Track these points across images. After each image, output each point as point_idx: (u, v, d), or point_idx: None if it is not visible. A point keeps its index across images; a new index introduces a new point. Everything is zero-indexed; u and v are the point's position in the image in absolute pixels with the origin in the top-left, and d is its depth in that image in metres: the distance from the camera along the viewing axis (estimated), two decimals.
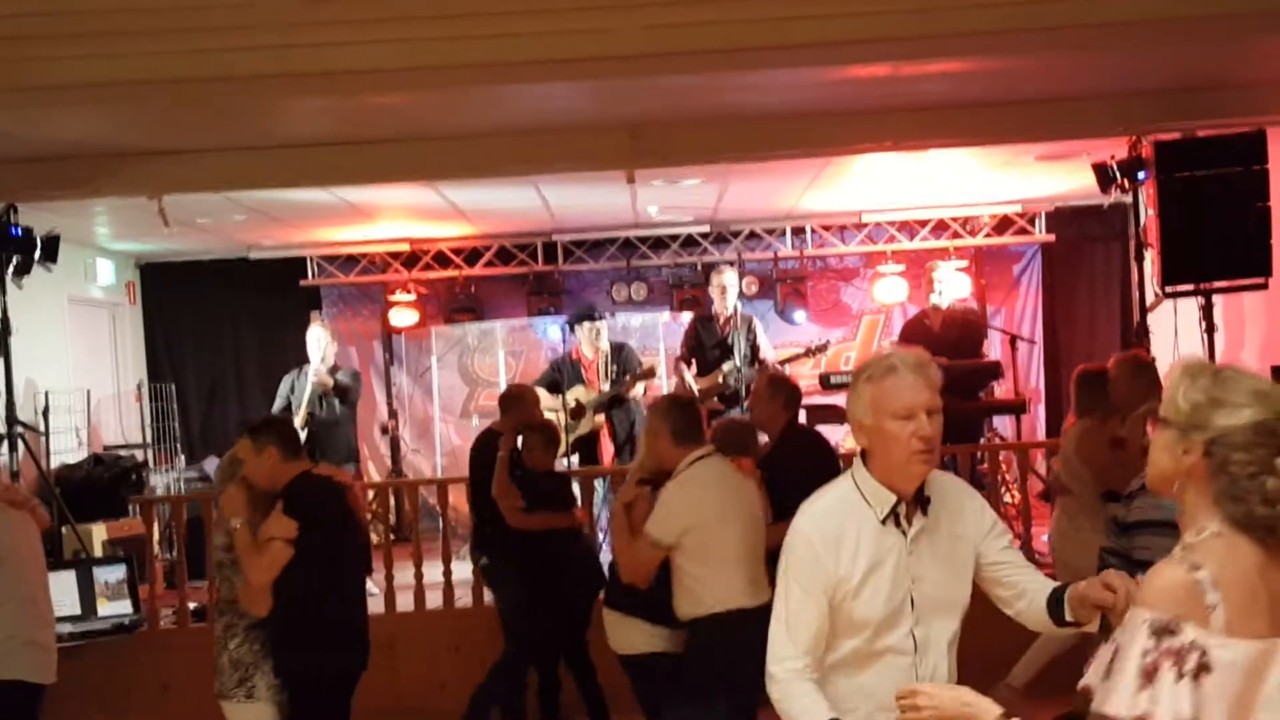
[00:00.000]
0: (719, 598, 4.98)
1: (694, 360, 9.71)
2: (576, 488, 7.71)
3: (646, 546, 5.06)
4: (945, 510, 3.24)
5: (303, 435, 9.06)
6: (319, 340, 9.40)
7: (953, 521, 3.24)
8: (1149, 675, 2.15)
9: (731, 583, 5.00)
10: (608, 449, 9.71)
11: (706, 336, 9.70)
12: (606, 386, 9.38)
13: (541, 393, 9.25)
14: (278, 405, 9.41)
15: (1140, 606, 2.24)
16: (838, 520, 3.14)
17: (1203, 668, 2.14)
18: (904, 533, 3.13)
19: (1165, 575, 2.24)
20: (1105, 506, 5.88)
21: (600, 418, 9.42)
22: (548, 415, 9.24)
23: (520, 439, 6.98)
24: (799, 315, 11.71)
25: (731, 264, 11.07)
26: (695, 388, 9.46)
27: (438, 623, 7.72)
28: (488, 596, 7.27)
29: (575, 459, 9.37)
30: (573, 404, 9.23)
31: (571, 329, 9.79)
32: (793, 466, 5.91)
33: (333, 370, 9.40)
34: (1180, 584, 2.20)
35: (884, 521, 3.12)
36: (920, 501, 3.17)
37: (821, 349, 10.14)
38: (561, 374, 9.46)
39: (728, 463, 5.30)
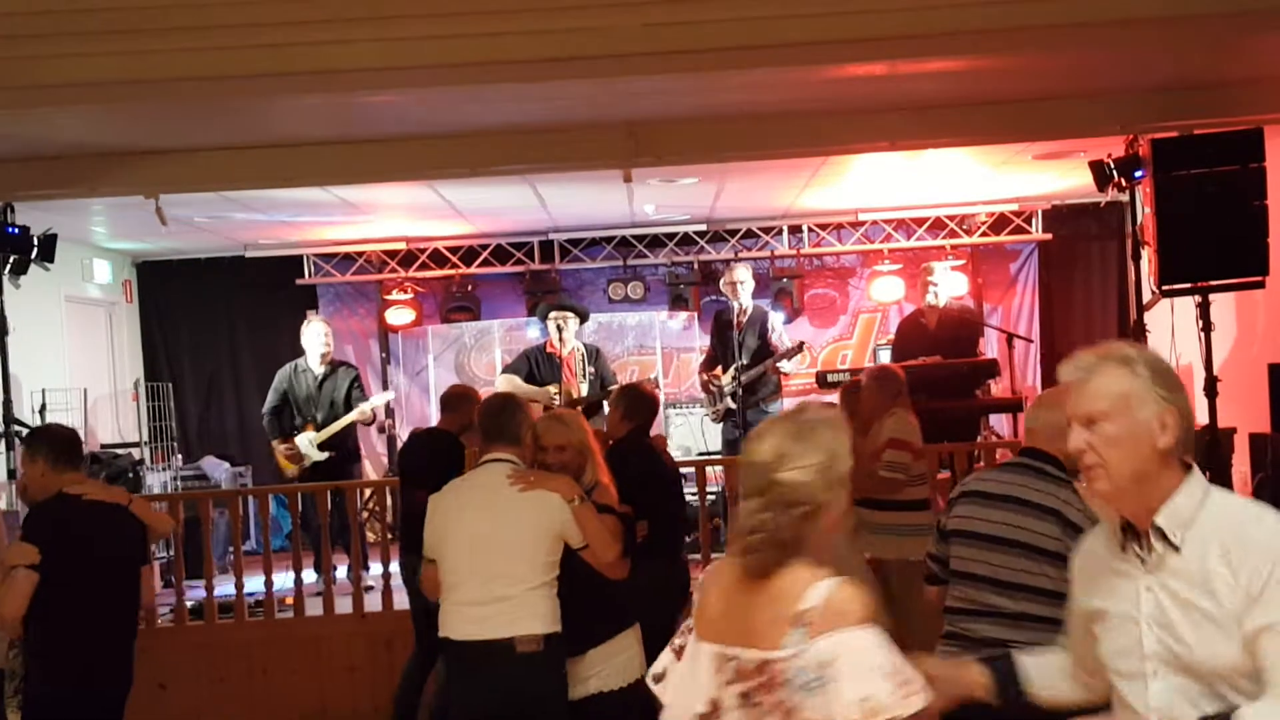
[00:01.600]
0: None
1: (719, 360, 9.73)
2: None
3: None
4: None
5: (317, 451, 9.12)
6: (318, 336, 9.39)
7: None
8: None
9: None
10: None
11: (726, 335, 9.70)
12: (585, 388, 9.28)
13: (516, 380, 9.23)
14: (271, 400, 9.41)
15: None
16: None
17: None
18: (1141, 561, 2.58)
19: None
20: (857, 513, 6.35)
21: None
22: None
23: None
24: (795, 314, 11.73)
25: (741, 260, 11.07)
26: (725, 386, 9.48)
27: None
28: None
29: None
30: (565, 397, 9.14)
31: (543, 320, 9.66)
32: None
33: (332, 363, 9.42)
34: None
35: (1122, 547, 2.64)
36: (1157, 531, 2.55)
37: (797, 350, 10.01)
38: (536, 365, 9.31)
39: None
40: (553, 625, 4.60)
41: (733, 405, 9.35)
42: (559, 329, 9.26)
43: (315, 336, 9.40)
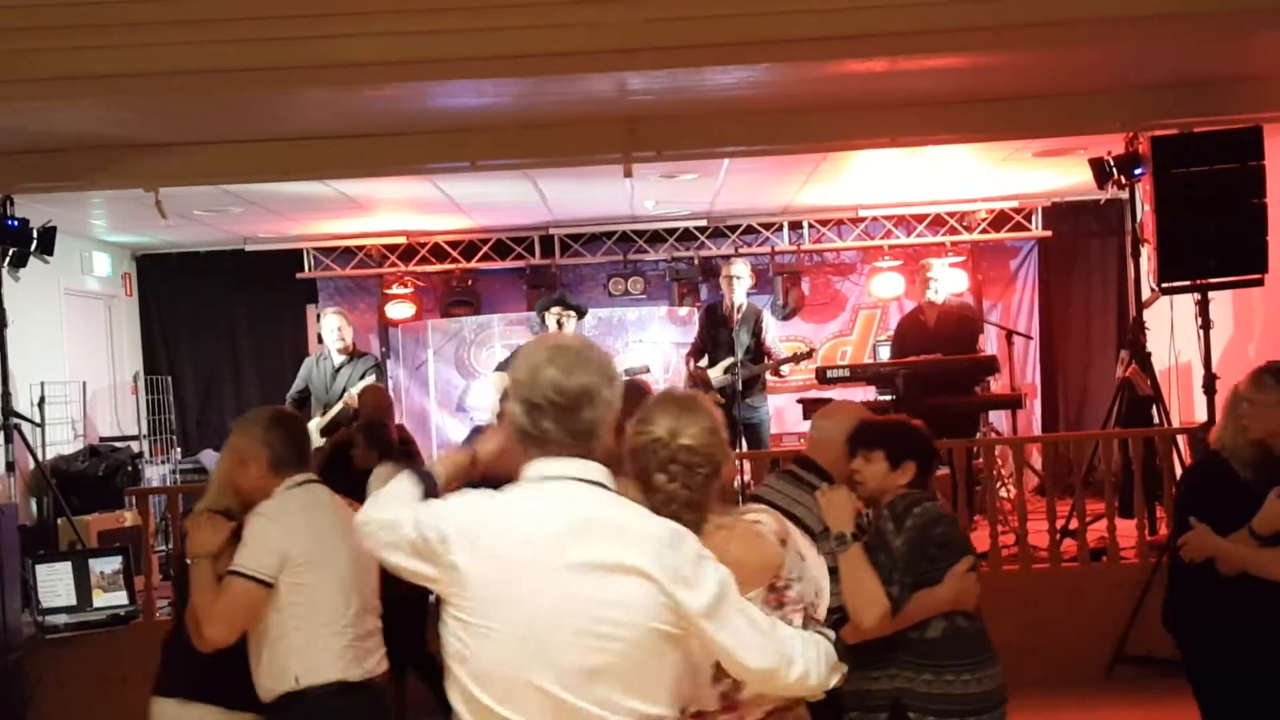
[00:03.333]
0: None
1: (705, 355, 9.72)
2: None
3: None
4: None
5: (320, 437, 9.16)
6: (332, 329, 9.47)
7: None
8: None
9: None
10: None
11: (717, 327, 9.68)
12: None
13: (504, 378, 9.24)
14: (295, 386, 9.51)
15: None
16: None
17: None
18: None
19: None
20: None
21: None
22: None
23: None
24: (795, 310, 11.73)
25: (741, 255, 11.08)
26: (711, 378, 9.48)
27: None
28: None
29: None
30: None
31: (541, 317, 9.67)
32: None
33: (351, 354, 9.49)
34: None
35: None
36: None
37: (808, 355, 10.08)
38: None
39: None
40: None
41: (720, 400, 9.33)
42: (560, 325, 9.25)
43: (330, 329, 9.51)
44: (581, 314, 9.68)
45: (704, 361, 9.74)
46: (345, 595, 3.95)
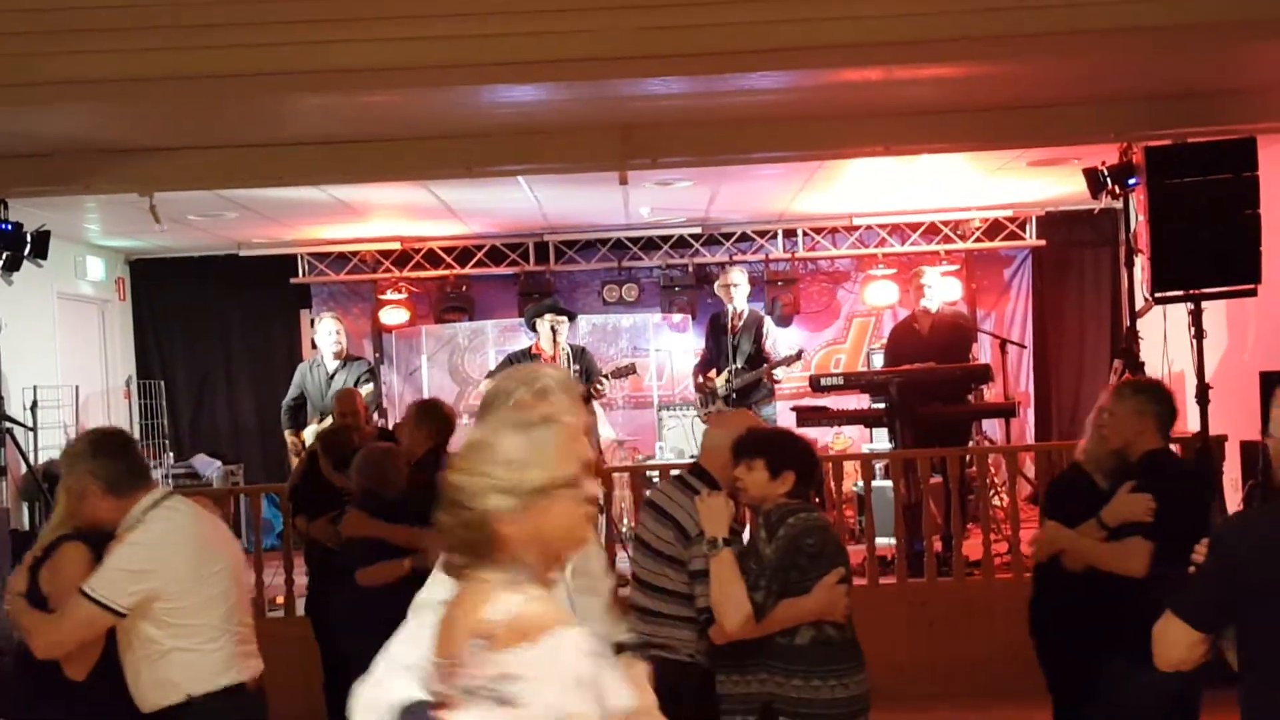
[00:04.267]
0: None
1: (714, 363, 9.75)
2: None
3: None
4: None
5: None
6: (328, 334, 9.47)
7: None
8: None
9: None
10: None
11: (718, 337, 9.69)
12: None
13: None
14: (290, 393, 9.52)
15: None
16: None
17: None
18: None
19: None
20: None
21: None
22: None
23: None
24: (789, 318, 11.75)
25: (736, 263, 11.09)
26: (720, 387, 9.50)
27: None
28: None
29: None
30: None
31: (532, 324, 9.62)
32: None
33: (345, 359, 9.47)
34: None
35: None
36: None
37: (796, 358, 10.07)
38: None
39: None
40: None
41: (726, 408, 9.35)
42: (553, 331, 9.25)
43: (325, 334, 9.53)
44: (572, 318, 9.67)
45: (711, 372, 9.73)
46: (221, 604, 3.95)
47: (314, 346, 9.67)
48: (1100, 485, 4.67)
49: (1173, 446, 5.11)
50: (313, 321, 10.10)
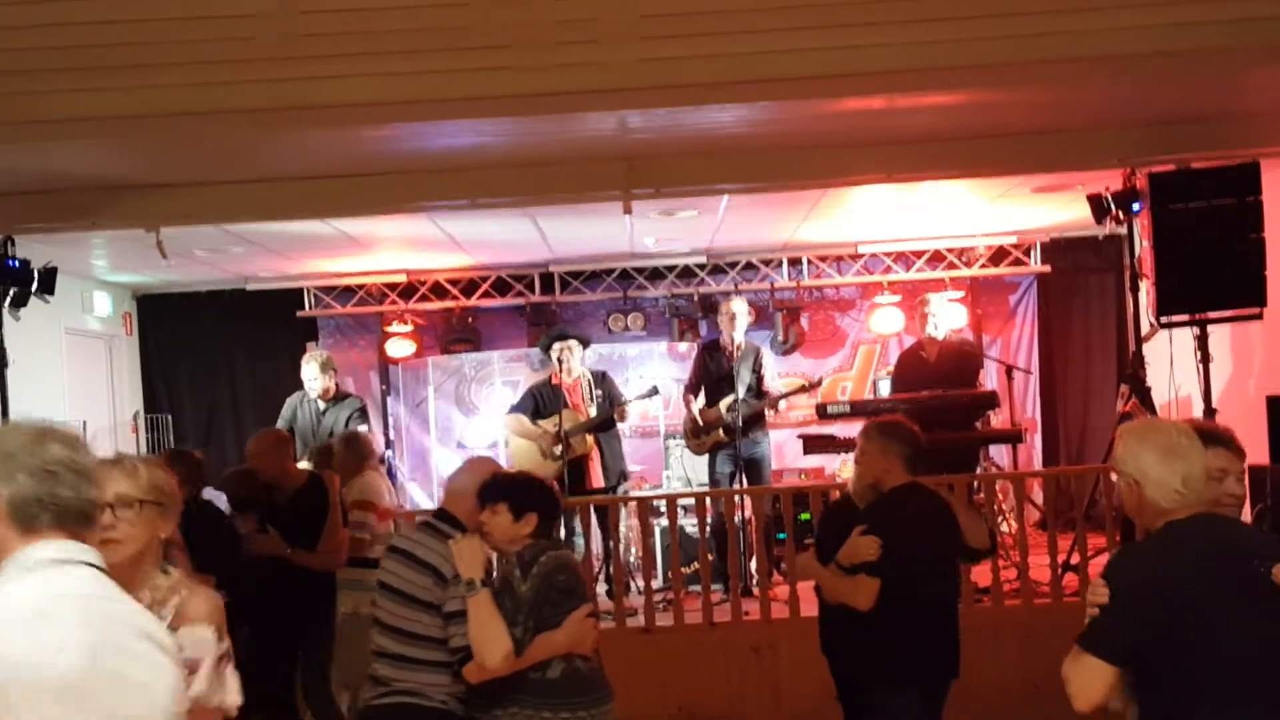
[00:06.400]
0: None
1: (701, 390, 9.70)
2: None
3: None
4: None
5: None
6: (314, 378, 9.43)
7: None
8: None
9: None
10: (597, 474, 9.55)
11: (714, 366, 9.66)
12: (593, 411, 9.29)
13: (522, 419, 9.28)
14: (278, 427, 9.43)
15: None
16: None
17: None
18: None
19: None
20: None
21: (590, 439, 9.32)
22: (530, 441, 9.25)
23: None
24: (794, 346, 11.76)
25: (740, 293, 11.10)
26: (701, 421, 9.45)
27: None
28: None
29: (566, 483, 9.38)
30: (554, 430, 9.15)
31: (546, 354, 9.65)
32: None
33: (336, 397, 9.46)
34: None
35: None
36: None
37: (815, 385, 10.15)
38: (542, 400, 9.35)
39: None
40: None
41: (724, 438, 9.29)
42: (561, 360, 9.26)
43: (311, 376, 9.43)
44: (585, 344, 9.67)
45: (701, 399, 9.69)
46: None
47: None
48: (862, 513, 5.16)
49: None
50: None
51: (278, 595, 6.46)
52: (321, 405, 9.42)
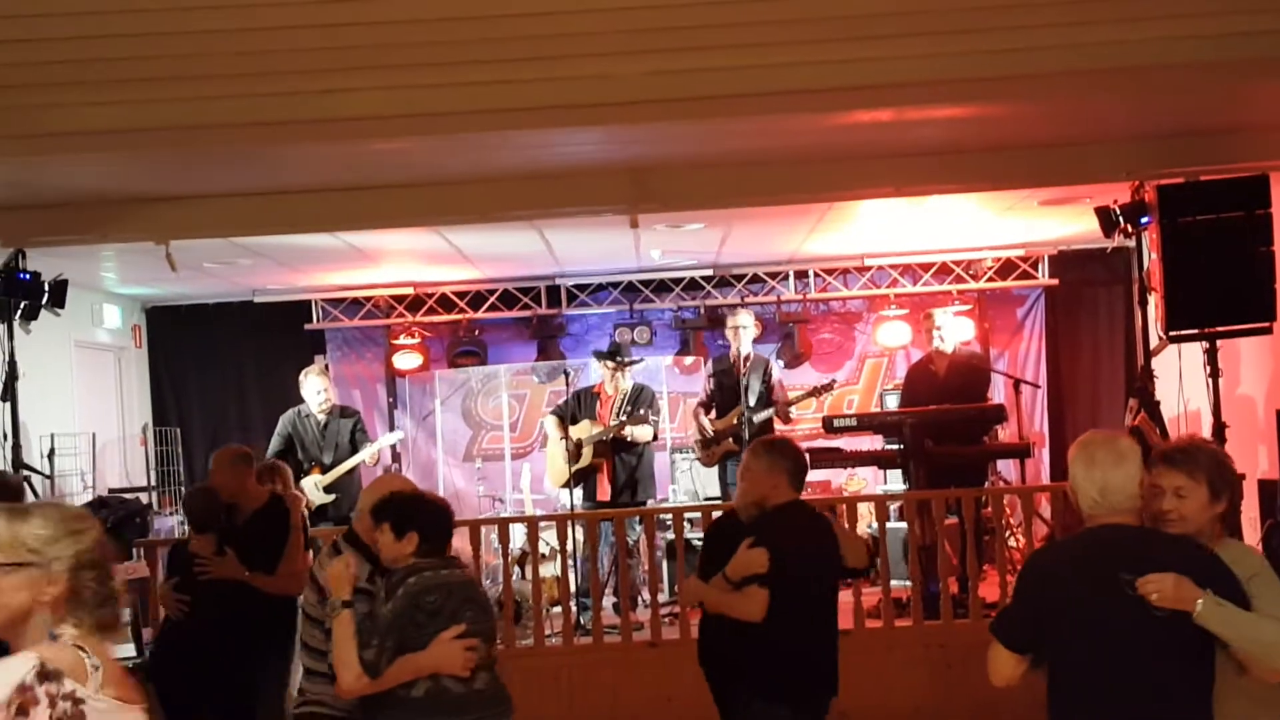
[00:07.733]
0: None
1: (714, 403, 9.77)
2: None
3: None
4: None
5: (322, 494, 9.19)
6: (315, 392, 9.47)
7: None
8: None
9: None
10: (605, 487, 9.57)
11: (726, 381, 9.71)
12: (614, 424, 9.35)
13: (556, 423, 9.38)
14: (274, 445, 9.45)
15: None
16: None
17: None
18: None
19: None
20: None
21: (589, 453, 9.35)
22: (554, 444, 9.32)
23: None
24: (801, 359, 11.75)
25: (746, 305, 11.11)
26: (710, 430, 9.51)
27: None
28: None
29: (579, 493, 9.45)
30: (574, 439, 9.26)
31: (600, 360, 9.79)
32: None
33: (334, 410, 9.48)
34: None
35: None
36: None
37: (827, 388, 10.15)
38: (579, 405, 9.52)
39: None
40: None
41: (735, 447, 9.33)
42: (611, 374, 9.48)
43: (312, 391, 9.48)
44: (624, 364, 9.64)
45: (712, 414, 9.74)
46: None
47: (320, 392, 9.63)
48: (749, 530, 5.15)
49: None
50: (325, 368, 10.12)
51: (235, 622, 6.24)
52: (321, 419, 9.45)
